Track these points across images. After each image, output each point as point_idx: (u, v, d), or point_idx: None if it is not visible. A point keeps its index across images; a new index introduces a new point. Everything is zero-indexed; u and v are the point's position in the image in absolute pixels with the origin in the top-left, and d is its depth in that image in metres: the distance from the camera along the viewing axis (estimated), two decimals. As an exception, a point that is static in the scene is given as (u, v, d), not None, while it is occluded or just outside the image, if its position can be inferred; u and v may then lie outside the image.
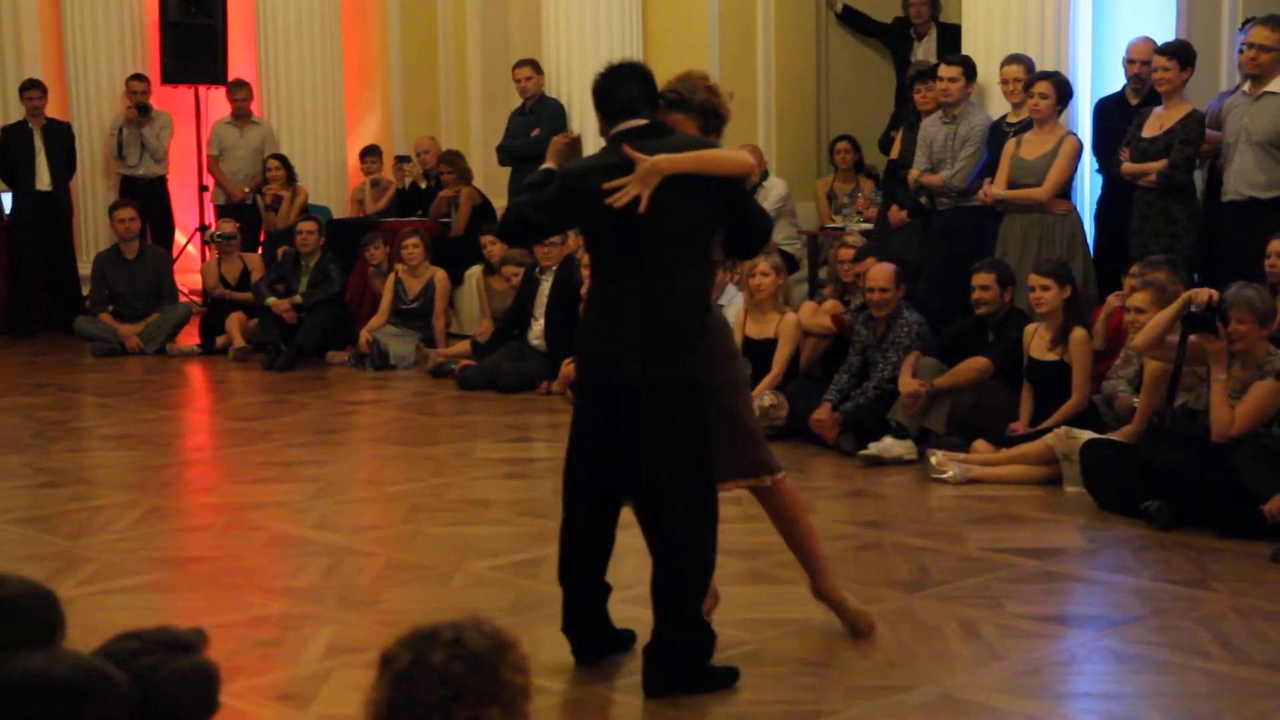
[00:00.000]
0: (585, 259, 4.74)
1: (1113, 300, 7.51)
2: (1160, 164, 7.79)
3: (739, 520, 5.53)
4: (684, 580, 4.31)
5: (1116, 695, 4.37)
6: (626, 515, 4.48)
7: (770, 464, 4.60)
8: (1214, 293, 6.15)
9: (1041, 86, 8.17)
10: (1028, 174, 8.19)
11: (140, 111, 12.08)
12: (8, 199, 12.03)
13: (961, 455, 7.03)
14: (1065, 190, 8.28)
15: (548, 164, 4.55)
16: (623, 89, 4.35)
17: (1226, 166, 7.74)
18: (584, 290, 4.87)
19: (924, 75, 9.32)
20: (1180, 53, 7.91)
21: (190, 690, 2.18)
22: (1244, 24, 8.34)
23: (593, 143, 4.59)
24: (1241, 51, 7.77)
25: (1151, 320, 6.40)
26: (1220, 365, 6.11)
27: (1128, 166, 7.94)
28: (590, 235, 4.48)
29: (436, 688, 2.04)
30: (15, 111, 12.10)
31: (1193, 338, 6.14)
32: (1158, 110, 7.96)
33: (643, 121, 4.31)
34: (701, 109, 4.47)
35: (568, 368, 8.70)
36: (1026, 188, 8.18)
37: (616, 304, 4.31)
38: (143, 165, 12.19)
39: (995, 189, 8.27)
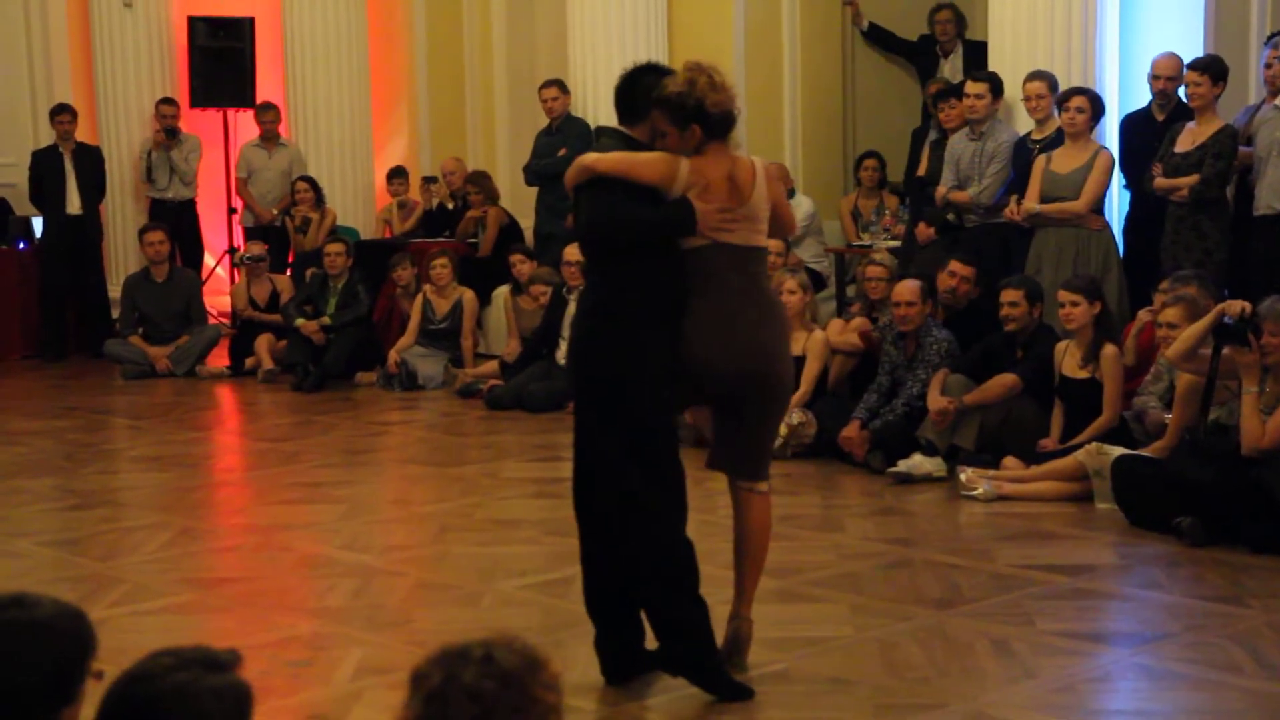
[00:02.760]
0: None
1: (1143, 316, 7.48)
2: (1193, 179, 7.76)
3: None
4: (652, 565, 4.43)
5: (1150, 712, 4.34)
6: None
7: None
8: (1247, 305, 6.12)
9: (1078, 101, 8.15)
10: (1061, 188, 8.16)
11: (169, 135, 12.17)
12: (38, 223, 12.12)
13: (991, 472, 7.00)
14: (1100, 206, 8.25)
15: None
16: (616, 97, 4.60)
17: (1258, 181, 7.71)
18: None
19: (946, 93, 9.32)
20: (1212, 67, 7.89)
21: (224, 708, 2.19)
22: (1269, 37, 8.31)
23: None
24: (1269, 66, 7.74)
25: (1184, 333, 6.36)
26: (1252, 378, 6.07)
27: (1160, 182, 7.91)
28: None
29: (468, 706, 2.03)
30: (46, 136, 12.19)
31: (1225, 350, 6.11)
32: (1190, 125, 7.94)
33: (620, 130, 4.55)
34: (694, 112, 4.41)
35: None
36: (1060, 201, 8.16)
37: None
38: (172, 188, 12.27)
39: (1029, 203, 8.23)
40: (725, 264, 4.45)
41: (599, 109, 10.69)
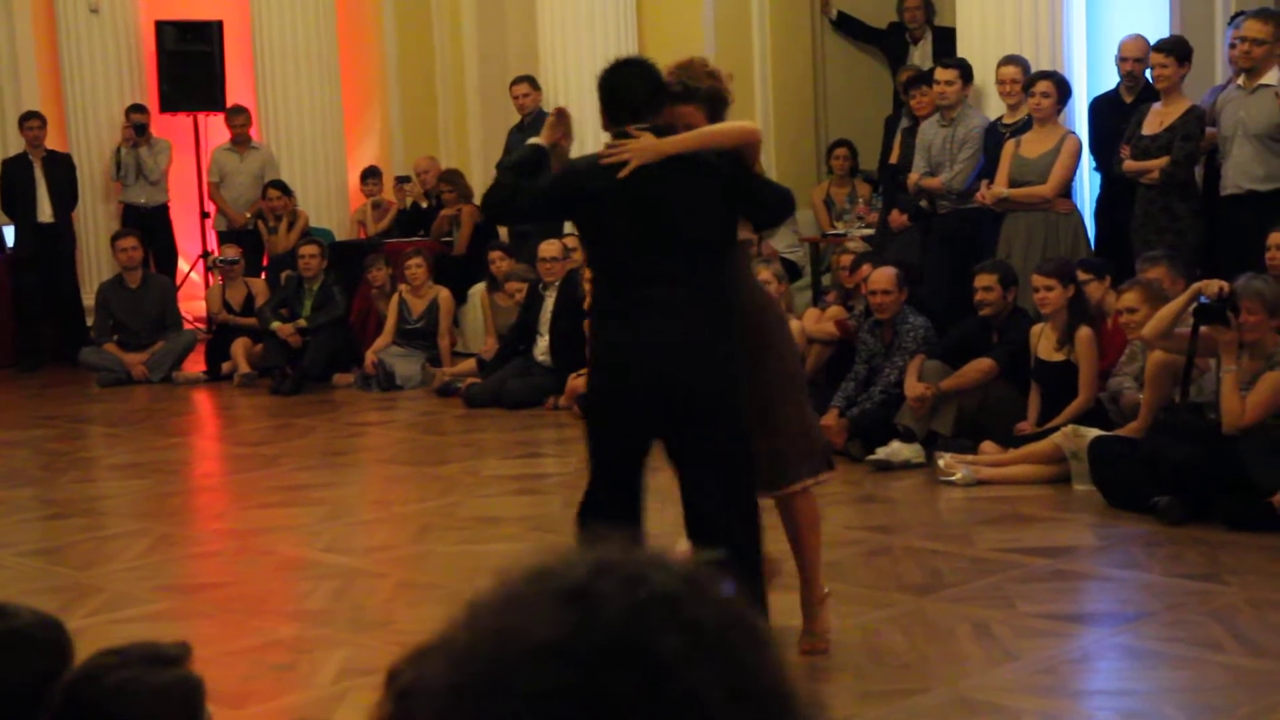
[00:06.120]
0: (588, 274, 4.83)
1: (1110, 301, 7.51)
2: (1162, 161, 7.79)
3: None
4: None
5: (1132, 691, 4.36)
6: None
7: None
8: (1224, 284, 6.15)
9: (1043, 86, 8.18)
10: (1030, 172, 8.20)
11: (138, 131, 12.10)
12: (10, 231, 12.06)
13: (969, 457, 7.02)
14: (1068, 190, 8.28)
15: (538, 139, 4.54)
16: (631, 90, 4.33)
17: (1224, 160, 7.75)
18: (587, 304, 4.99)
19: (917, 80, 9.34)
20: (1177, 49, 7.92)
21: (170, 704, 2.17)
22: (1233, 18, 8.35)
23: (591, 136, 4.61)
24: (1233, 46, 7.77)
25: (1160, 311, 6.39)
26: (1230, 356, 6.11)
27: (1129, 164, 7.94)
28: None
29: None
30: (15, 144, 12.12)
31: (1203, 329, 6.14)
32: (1157, 107, 7.97)
33: (647, 126, 4.30)
34: (708, 97, 4.44)
35: (574, 381, 8.70)
36: (1029, 186, 8.18)
37: None
38: (143, 192, 12.20)
39: (998, 188, 8.26)
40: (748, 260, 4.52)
41: (570, 103, 10.65)
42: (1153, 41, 8.22)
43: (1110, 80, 8.82)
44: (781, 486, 4.54)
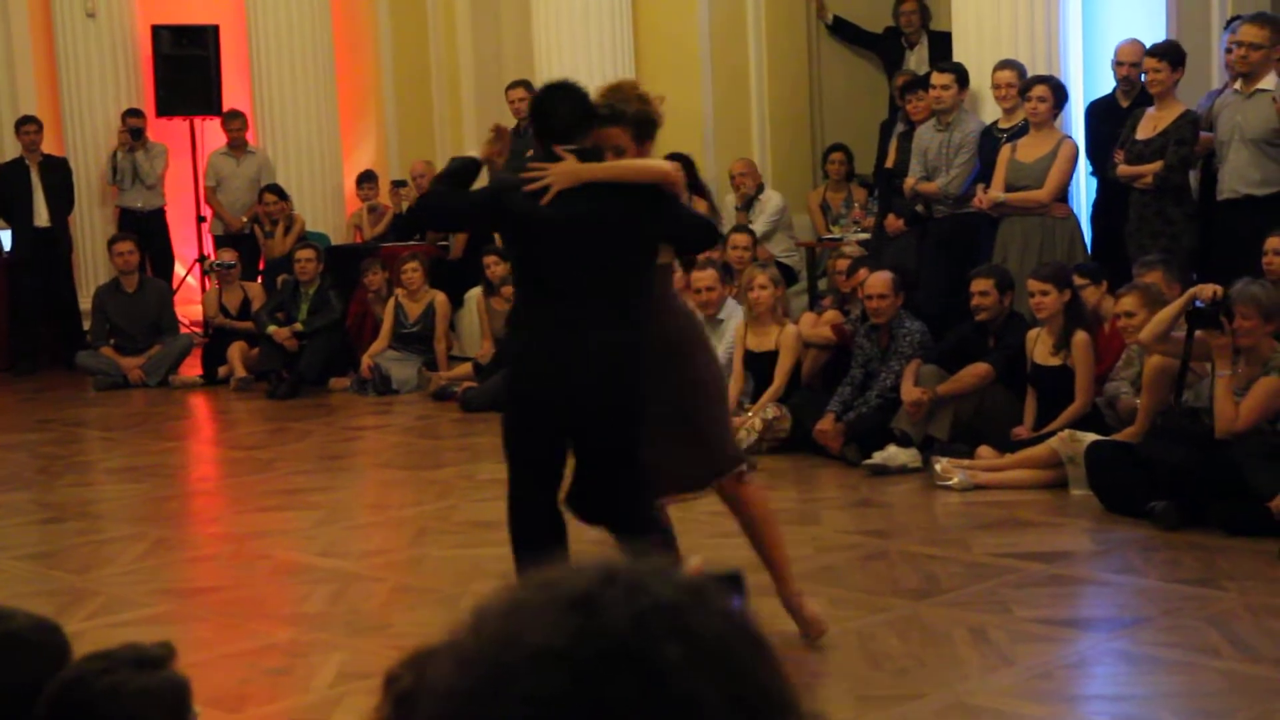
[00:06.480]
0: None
1: (1107, 305, 7.51)
2: (1156, 166, 7.80)
3: (744, 534, 5.51)
4: None
5: (1129, 697, 4.36)
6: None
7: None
8: (1219, 288, 6.15)
9: (1039, 90, 8.18)
10: (1025, 177, 8.20)
11: (134, 136, 12.10)
12: (6, 236, 12.05)
13: (966, 462, 7.02)
14: (1064, 194, 8.29)
15: (473, 153, 4.86)
16: (558, 110, 4.56)
17: (1221, 165, 7.75)
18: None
19: (913, 85, 9.35)
20: (1170, 53, 7.93)
21: (158, 706, 2.17)
22: (1229, 22, 8.36)
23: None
24: (1229, 50, 7.78)
25: (1157, 315, 6.40)
26: (1225, 361, 6.11)
27: (1123, 169, 7.95)
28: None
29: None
30: (11, 149, 12.12)
31: (1198, 333, 6.14)
32: (1150, 111, 7.98)
33: (574, 148, 4.52)
34: (634, 119, 4.60)
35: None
36: (1025, 190, 8.19)
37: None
38: (140, 195, 12.20)
39: (994, 192, 8.27)
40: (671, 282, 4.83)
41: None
42: (1148, 46, 8.24)
43: (1107, 85, 8.83)
44: (716, 477, 4.73)
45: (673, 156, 11.51)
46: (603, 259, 4.43)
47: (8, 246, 12.03)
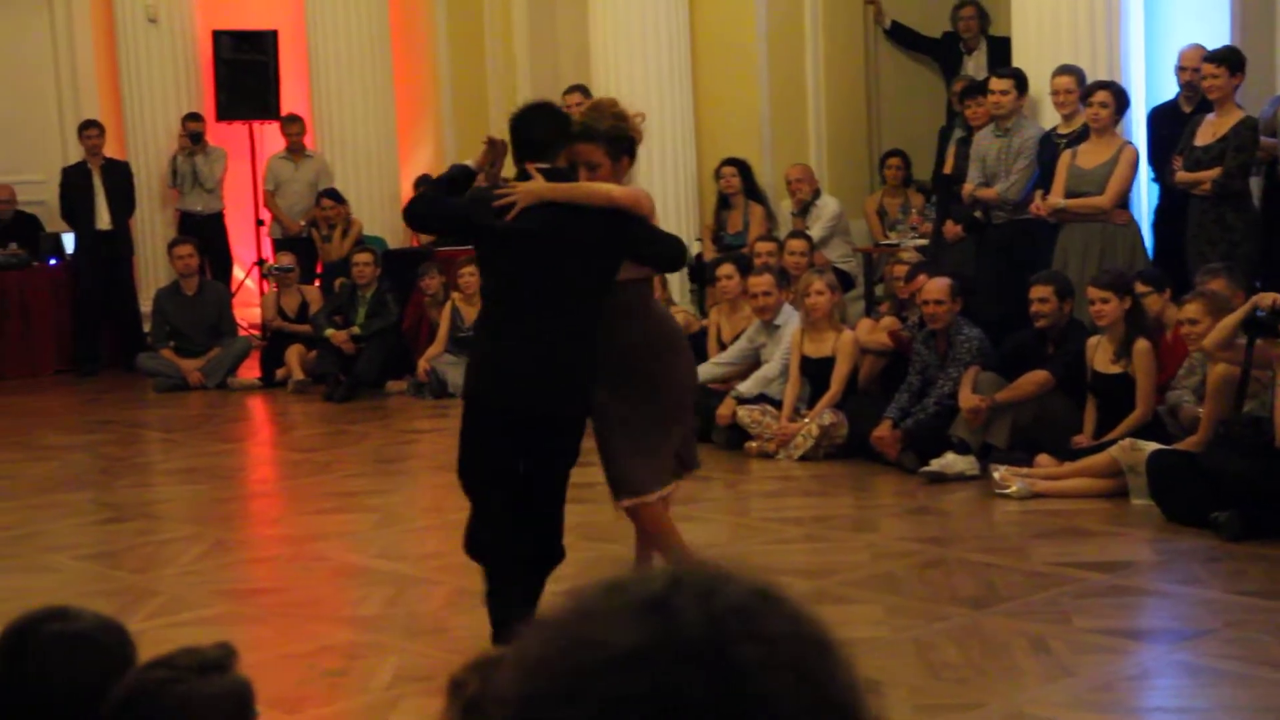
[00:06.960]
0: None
1: (1170, 313, 7.44)
2: (1214, 172, 7.71)
3: (800, 540, 5.50)
4: None
5: (1191, 709, 4.31)
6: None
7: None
8: (1279, 297, 6.08)
9: (1101, 95, 8.11)
10: (1086, 183, 8.13)
11: (193, 139, 12.22)
12: (69, 239, 12.20)
13: (1025, 470, 6.97)
14: (1125, 201, 8.21)
15: (467, 162, 5.05)
16: (532, 129, 4.77)
17: (1284, 172, 7.66)
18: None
19: (971, 90, 9.29)
20: (1229, 59, 7.84)
21: (225, 711, 2.18)
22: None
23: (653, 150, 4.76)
24: (1295, 55, 7.69)
25: (1220, 323, 6.33)
26: (1285, 371, 6.03)
27: (1181, 175, 7.87)
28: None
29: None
30: (75, 153, 12.27)
31: (1258, 342, 6.07)
32: (1210, 117, 7.89)
33: (546, 166, 4.70)
34: (607, 136, 4.73)
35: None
36: (1086, 196, 8.12)
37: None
38: (199, 199, 12.33)
39: (1054, 199, 8.20)
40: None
41: (623, 113, 10.67)
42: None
43: (1168, 90, 8.74)
44: (633, 496, 4.90)
45: (729, 162, 11.47)
46: (556, 274, 4.63)
47: (70, 249, 12.18)
